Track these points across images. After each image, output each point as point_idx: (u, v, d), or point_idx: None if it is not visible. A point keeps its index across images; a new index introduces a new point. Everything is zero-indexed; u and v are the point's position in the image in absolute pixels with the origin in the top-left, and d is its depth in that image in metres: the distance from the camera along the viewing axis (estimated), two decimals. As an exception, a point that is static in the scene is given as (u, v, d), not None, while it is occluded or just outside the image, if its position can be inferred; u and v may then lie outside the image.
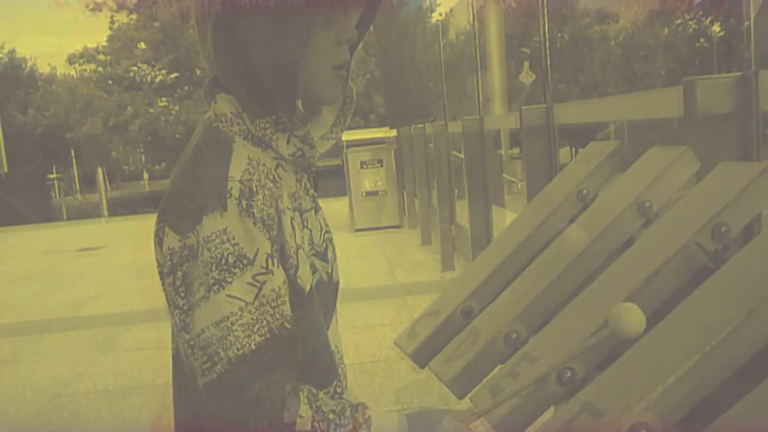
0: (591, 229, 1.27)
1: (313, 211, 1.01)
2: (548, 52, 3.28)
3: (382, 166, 9.67)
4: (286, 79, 0.92)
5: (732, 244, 1.05)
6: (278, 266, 0.89)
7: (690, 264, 1.04)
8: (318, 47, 0.93)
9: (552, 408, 1.04)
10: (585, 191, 1.40)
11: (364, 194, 9.70)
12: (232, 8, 0.89)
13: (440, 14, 23.68)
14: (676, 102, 1.58)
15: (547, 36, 3.28)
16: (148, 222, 1.02)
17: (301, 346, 0.91)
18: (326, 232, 1.03)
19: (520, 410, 1.01)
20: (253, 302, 0.86)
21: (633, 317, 0.92)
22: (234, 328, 0.85)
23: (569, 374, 1.00)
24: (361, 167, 9.66)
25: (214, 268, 0.85)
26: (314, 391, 0.91)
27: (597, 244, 1.24)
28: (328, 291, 1.01)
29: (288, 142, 0.95)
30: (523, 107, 3.06)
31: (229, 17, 0.90)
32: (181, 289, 0.88)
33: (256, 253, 0.87)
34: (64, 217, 19.25)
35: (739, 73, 1.42)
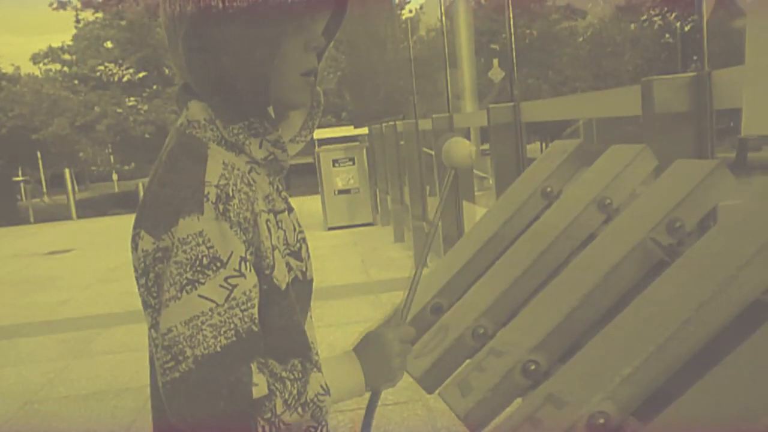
0: (555, 226, 1.31)
1: (286, 212, 1.04)
2: (515, 50, 3.33)
3: (354, 163, 9.69)
4: (258, 87, 0.95)
5: (686, 239, 1.10)
6: (251, 270, 0.92)
7: (647, 259, 1.08)
8: (287, 55, 0.96)
9: (519, 399, 1.08)
10: (549, 189, 1.44)
11: (336, 192, 9.70)
12: (204, 18, 0.91)
13: (410, 11, 23.74)
14: (635, 101, 1.64)
15: (513, 33, 3.33)
16: (119, 223, 1.04)
17: (270, 345, 0.93)
18: (299, 232, 1.06)
19: (487, 402, 1.05)
20: (224, 304, 0.89)
21: (462, 149, 1.16)
22: (203, 327, 0.87)
23: (533, 367, 1.04)
24: (333, 165, 9.66)
25: (188, 269, 0.88)
26: (262, 360, 0.93)
27: (560, 240, 1.28)
28: (302, 289, 1.04)
29: (260, 147, 0.98)
30: (491, 105, 3.11)
31: (201, 27, 0.92)
32: (153, 289, 0.91)
33: (230, 256, 0.89)
34: (32, 219, 18.88)
35: (694, 73, 1.48)
